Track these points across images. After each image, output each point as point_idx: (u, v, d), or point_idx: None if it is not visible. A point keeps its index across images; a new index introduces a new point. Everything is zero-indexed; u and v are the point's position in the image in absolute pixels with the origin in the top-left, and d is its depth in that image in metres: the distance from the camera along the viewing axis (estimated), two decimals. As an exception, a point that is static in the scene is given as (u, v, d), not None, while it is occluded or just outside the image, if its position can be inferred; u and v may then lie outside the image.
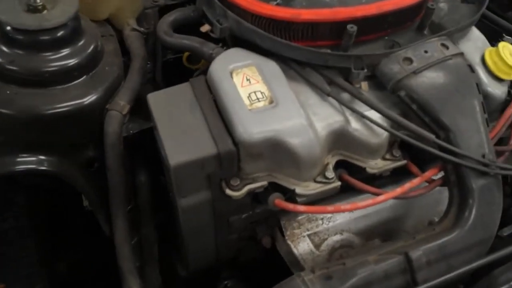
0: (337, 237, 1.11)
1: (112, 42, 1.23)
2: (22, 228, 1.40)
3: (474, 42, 1.21)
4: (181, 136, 0.98)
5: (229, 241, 1.16)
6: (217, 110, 1.02)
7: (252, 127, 0.96)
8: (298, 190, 1.02)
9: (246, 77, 1.04)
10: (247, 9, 1.09)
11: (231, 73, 1.04)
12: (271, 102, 1.01)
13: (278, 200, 1.03)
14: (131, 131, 1.18)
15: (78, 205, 1.40)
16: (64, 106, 1.09)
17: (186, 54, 1.35)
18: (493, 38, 1.34)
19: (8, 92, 1.08)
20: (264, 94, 1.01)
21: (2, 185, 1.29)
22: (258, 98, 1.01)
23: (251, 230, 1.15)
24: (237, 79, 1.03)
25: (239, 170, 1.01)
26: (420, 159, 1.13)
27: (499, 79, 1.17)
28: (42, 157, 1.13)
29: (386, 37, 1.16)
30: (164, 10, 1.38)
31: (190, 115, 1.01)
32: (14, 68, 1.07)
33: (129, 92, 1.17)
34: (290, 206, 1.01)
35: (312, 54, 1.07)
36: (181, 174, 0.97)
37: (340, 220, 1.12)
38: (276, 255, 1.14)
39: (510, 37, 1.34)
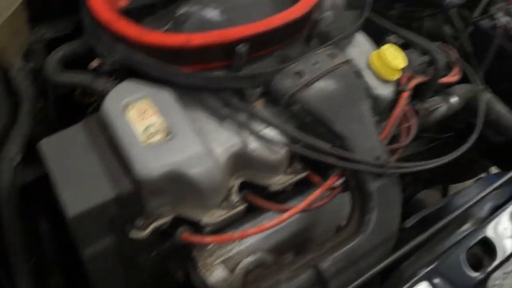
0: (251, 258, 1.12)
1: None
2: None
3: (359, 47, 1.26)
4: (78, 183, 0.95)
5: (141, 281, 1.15)
6: (113, 150, 1.00)
7: (150, 164, 0.96)
8: (204, 220, 1.02)
9: (141, 111, 1.03)
10: (136, 40, 1.07)
11: (124, 108, 1.02)
12: (167, 134, 1.00)
13: (185, 234, 1.03)
14: (26, 180, 1.14)
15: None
16: None
17: (78, 90, 1.32)
18: (380, 38, 1.40)
19: None
20: (160, 126, 1.01)
21: None
22: (154, 132, 1.00)
23: (163, 266, 1.14)
24: (132, 114, 1.02)
25: (142, 209, 1.00)
26: (321, 167, 1.17)
27: (385, 81, 1.22)
28: None
29: (277, 52, 1.18)
30: (51, 44, 1.35)
31: (86, 159, 0.99)
32: None
33: (19, 140, 1.12)
34: (196, 238, 1.02)
35: (205, 79, 1.07)
36: (81, 224, 0.95)
37: (251, 241, 1.14)
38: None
39: (390, 37, 1.41)
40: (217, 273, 1.09)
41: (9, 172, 1.07)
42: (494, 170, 1.96)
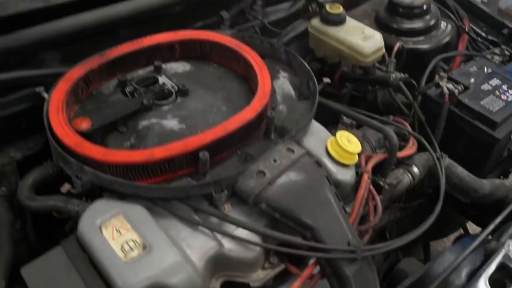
0: None
1: None
2: None
3: (316, 135, 1.36)
4: (63, 307, 1.01)
5: None
6: (93, 269, 1.06)
7: (131, 279, 1.01)
8: None
9: (116, 228, 1.09)
10: (102, 161, 1.16)
11: (100, 228, 1.09)
12: (144, 248, 1.07)
13: None
14: None
15: None
16: None
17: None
18: (335, 119, 1.52)
19: None
20: (136, 242, 1.07)
21: None
22: (131, 247, 1.06)
23: None
24: (107, 233, 1.08)
25: (128, 323, 1.05)
26: (295, 257, 1.24)
27: (344, 165, 1.32)
28: None
29: (239, 151, 1.28)
30: (22, 164, 1.42)
31: (68, 280, 1.04)
32: None
33: (3, 266, 1.17)
34: None
35: (172, 190, 1.16)
36: None
37: None
38: None
39: (344, 119, 1.53)
40: None
41: None
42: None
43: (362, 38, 1.63)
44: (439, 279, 1.22)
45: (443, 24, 2.04)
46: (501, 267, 1.27)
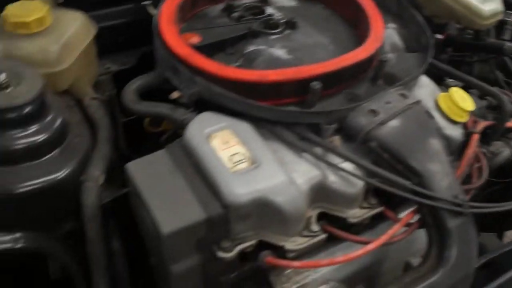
0: (325, 287, 1.18)
1: (76, 113, 1.27)
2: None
3: (425, 89, 1.36)
4: (169, 203, 1.03)
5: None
6: (198, 175, 1.08)
7: (239, 189, 1.03)
8: (288, 246, 1.09)
9: (223, 140, 1.11)
10: (215, 74, 1.17)
11: (207, 138, 1.11)
12: (252, 163, 1.08)
13: (269, 258, 1.09)
14: (103, 200, 1.21)
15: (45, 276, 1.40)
16: (37, 183, 1.10)
17: (148, 119, 1.41)
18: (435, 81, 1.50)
19: None
20: (244, 156, 1.09)
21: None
22: (239, 160, 1.08)
23: (239, 288, 1.20)
24: (215, 143, 1.10)
25: (228, 232, 1.06)
26: (391, 202, 1.24)
27: (454, 122, 1.31)
28: (18, 235, 1.13)
29: (345, 91, 1.28)
30: (117, 76, 1.45)
31: (174, 182, 1.06)
32: None
33: (102, 162, 1.20)
34: (283, 263, 1.08)
35: (283, 113, 1.16)
36: (173, 242, 1.01)
37: (325, 270, 1.20)
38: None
39: (451, 80, 1.51)
40: (294, 299, 1.14)
41: (94, 191, 1.15)
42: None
43: (481, -1, 1.59)
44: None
45: None
46: None
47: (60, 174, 1.13)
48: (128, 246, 1.32)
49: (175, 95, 1.20)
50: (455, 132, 1.31)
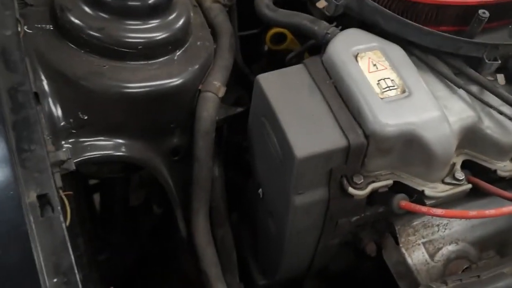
0: (453, 247, 1.07)
1: (198, 14, 1.16)
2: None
3: None
4: (304, 124, 0.92)
5: (329, 247, 1.10)
6: (340, 97, 0.96)
7: (387, 119, 0.91)
8: (428, 191, 0.97)
9: (372, 62, 0.98)
10: None
11: (355, 57, 0.99)
12: (403, 91, 0.96)
13: (405, 203, 0.98)
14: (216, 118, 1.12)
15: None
16: (154, 85, 1.02)
17: (271, 33, 1.30)
18: None
19: (94, 64, 1.00)
20: (395, 82, 0.96)
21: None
22: (388, 86, 0.96)
23: (354, 235, 1.10)
24: (362, 64, 0.98)
25: (363, 166, 0.95)
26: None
27: None
28: (121, 141, 1.05)
29: (510, 26, 1.12)
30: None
31: (311, 101, 0.96)
32: (102, 36, 0.99)
33: (223, 72, 1.11)
34: (423, 209, 0.96)
35: (444, 40, 1.02)
36: (304, 168, 0.91)
37: (456, 228, 1.08)
38: (376, 264, 1.09)
39: None
40: (418, 255, 1.04)
41: (213, 103, 1.06)
42: None
43: None
44: None
45: None
46: None
47: (178, 79, 1.03)
48: (229, 175, 1.23)
49: (322, 3, 1.07)
50: None
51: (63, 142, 0.98)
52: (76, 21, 0.99)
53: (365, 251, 1.09)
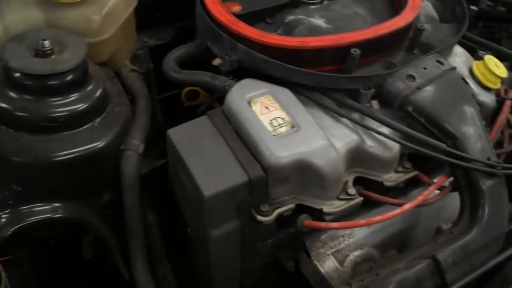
0: (358, 252, 1.19)
1: (116, 83, 1.28)
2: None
3: (460, 57, 1.36)
4: (210, 167, 1.04)
5: (254, 269, 1.21)
6: (240, 139, 1.09)
7: (280, 152, 1.04)
8: (326, 209, 1.10)
9: (264, 105, 1.12)
10: (257, 41, 1.18)
11: (249, 103, 1.12)
12: (292, 126, 1.09)
13: (307, 221, 1.10)
14: (141, 172, 1.22)
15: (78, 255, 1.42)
16: (80, 150, 1.12)
17: (185, 90, 1.42)
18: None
19: (22, 140, 1.10)
20: (285, 120, 1.10)
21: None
22: (279, 124, 1.09)
23: (274, 256, 1.21)
24: (256, 108, 1.11)
25: (267, 196, 1.08)
26: (424, 168, 1.25)
27: (487, 89, 1.31)
28: (57, 204, 1.15)
29: (382, 59, 1.28)
30: (154, 51, 1.46)
31: (215, 146, 1.08)
32: (27, 115, 1.09)
33: (141, 131, 1.22)
34: (322, 224, 1.09)
35: (324, 78, 1.17)
36: (214, 205, 1.03)
37: (359, 236, 1.21)
38: (297, 278, 1.21)
39: (483, 51, 1.50)
40: (328, 264, 1.16)
41: (134, 160, 1.17)
42: None
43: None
44: None
45: None
46: None
47: (100, 143, 1.14)
48: (165, 220, 1.33)
49: (217, 61, 1.21)
50: (488, 99, 1.31)
51: (0, 213, 1.07)
52: (3, 104, 1.09)
53: (286, 268, 1.21)
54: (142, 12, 1.42)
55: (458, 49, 1.38)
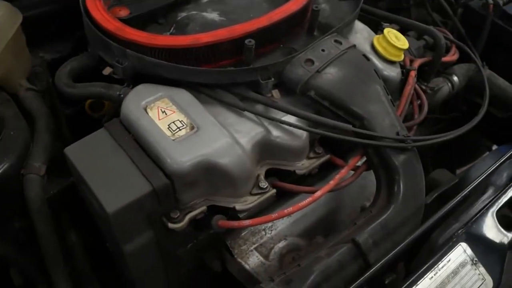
0: (282, 243, 1.17)
1: (11, 107, 1.21)
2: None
3: (361, 34, 1.34)
4: (112, 181, 0.99)
5: (180, 275, 1.18)
6: (140, 148, 1.04)
7: (181, 156, 1.00)
8: (238, 206, 1.07)
9: (161, 110, 1.07)
10: (146, 44, 1.13)
11: (145, 109, 1.07)
12: (192, 128, 1.05)
13: (221, 221, 1.07)
14: (51, 192, 1.17)
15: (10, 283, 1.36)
16: None
17: (88, 102, 1.36)
18: (372, 28, 1.48)
19: None
20: (183, 122, 1.06)
21: None
22: (178, 127, 1.05)
23: (198, 259, 1.18)
24: (153, 114, 1.07)
25: (177, 202, 1.04)
26: (339, 151, 1.23)
27: (391, 62, 1.30)
28: None
29: (282, 46, 1.24)
30: (54, 65, 1.40)
31: (114, 159, 1.03)
32: None
33: (42, 152, 1.16)
34: (234, 223, 1.05)
35: (219, 74, 1.13)
36: (121, 220, 0.98)
37: (281, 227, 1.19)
38: (227, 277, 1.18)
39: (387, 24, 1.49)
40: (253, 260, 1.13)
41: (37, 182, 1.11)
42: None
43: None
44: (481, 177, 1.18)
45: None
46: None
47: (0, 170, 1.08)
48: (87, 237, 1.28)
49: (107, 70, 1.16)
50: (393, 72, 1.30)
51: None
52: None
53: (212, 269, 1.17)
54: (35, 26, 1.35)
55: (359, 25, 1.36)
